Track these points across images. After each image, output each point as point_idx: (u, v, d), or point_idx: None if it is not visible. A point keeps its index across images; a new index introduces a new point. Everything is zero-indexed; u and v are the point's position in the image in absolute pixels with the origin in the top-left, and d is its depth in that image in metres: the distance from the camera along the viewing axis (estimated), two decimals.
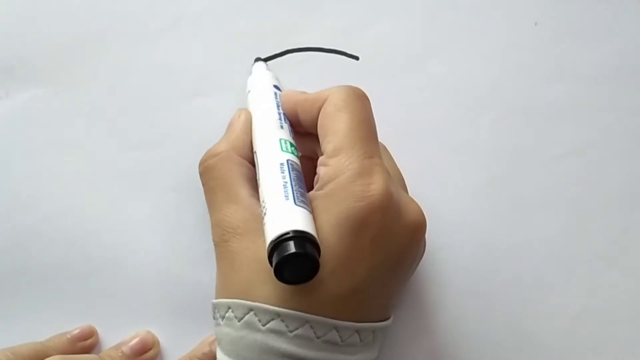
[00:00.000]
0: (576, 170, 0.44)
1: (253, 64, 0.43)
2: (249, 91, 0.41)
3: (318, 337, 0.33)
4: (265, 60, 0.43)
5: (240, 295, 0.34)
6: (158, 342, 0.42)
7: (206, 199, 0.38)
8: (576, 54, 0.45)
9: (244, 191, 0.36)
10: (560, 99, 0.44)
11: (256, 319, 0.33)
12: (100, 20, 0.45)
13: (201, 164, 0.38)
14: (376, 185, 0.33)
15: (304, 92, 0.39)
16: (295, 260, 0.31)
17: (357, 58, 0.44)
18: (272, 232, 0.32)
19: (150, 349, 0.42)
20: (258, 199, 0.36)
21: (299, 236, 0.31)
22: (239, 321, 0.33)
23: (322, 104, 0.37)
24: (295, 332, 0.33)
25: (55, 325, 0.42)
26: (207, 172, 0.38)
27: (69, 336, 0.42)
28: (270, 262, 0.32)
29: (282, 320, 0.33)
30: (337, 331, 0.33)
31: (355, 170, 0.34)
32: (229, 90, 0.44)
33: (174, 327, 0.43)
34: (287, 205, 0.33)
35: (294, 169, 0.35)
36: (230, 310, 0.34)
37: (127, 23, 0.45)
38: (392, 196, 0.34)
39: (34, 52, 0.45)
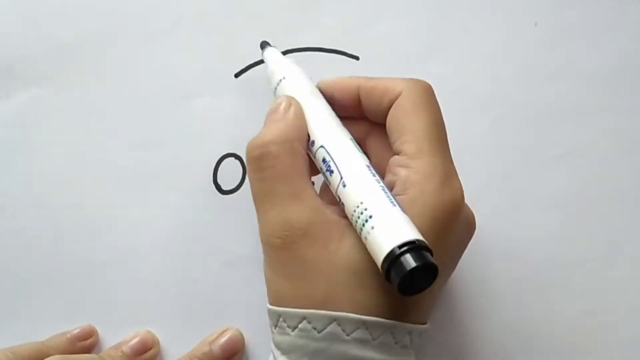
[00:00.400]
0: (576, 170, 0.44)
1: (264, 50, 0.41)
2: (283, 78, 0.37)
3: (396, 343, 0.33)
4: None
5: (318, 305, 0.32)
6: (158, 342, 0.42)
7: (258, 189, 0.34)
8: (576, 54, 0.45)
9: (309, 190, 0.34)
10: (560, 99, 0.44)
11: (340, 329, 0.32)
12: (100, 20, 0.45)
13: (257, 147, 0.34)
14: (460, 192, 0.33)
15: (365, 77, 0.36)
16: (419, 272, 0.29)
17: (357, 58, 0.44)
18: (388, 242, 0.30)
19: (150, 349, 0.42)
20: (321, 199, 0.34)
21: (423, 246, 0.30)
22: (319, 332, 0.32)
23: (394, 97, 0.35)
24: (378, 340, 0.32)
25: (55, 325, 0.42)
26: (265, 159, 0.33)
27: (69, 336, 0.42)
28: (387, 274, 0.30)
29: (367, 329, 0.32)
30: (409, 335, 0.33)
31: (443, 176, 0.33)
32: (229, 90, 0.43)
33: (174, 327, 0.43)
34: (396, 213, 0.31)
35: (377, 172, 0.33)
36: (305, 321, 0.32)
37: (127, 23, 0.45)
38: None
39: (34, 52, 0.45)
